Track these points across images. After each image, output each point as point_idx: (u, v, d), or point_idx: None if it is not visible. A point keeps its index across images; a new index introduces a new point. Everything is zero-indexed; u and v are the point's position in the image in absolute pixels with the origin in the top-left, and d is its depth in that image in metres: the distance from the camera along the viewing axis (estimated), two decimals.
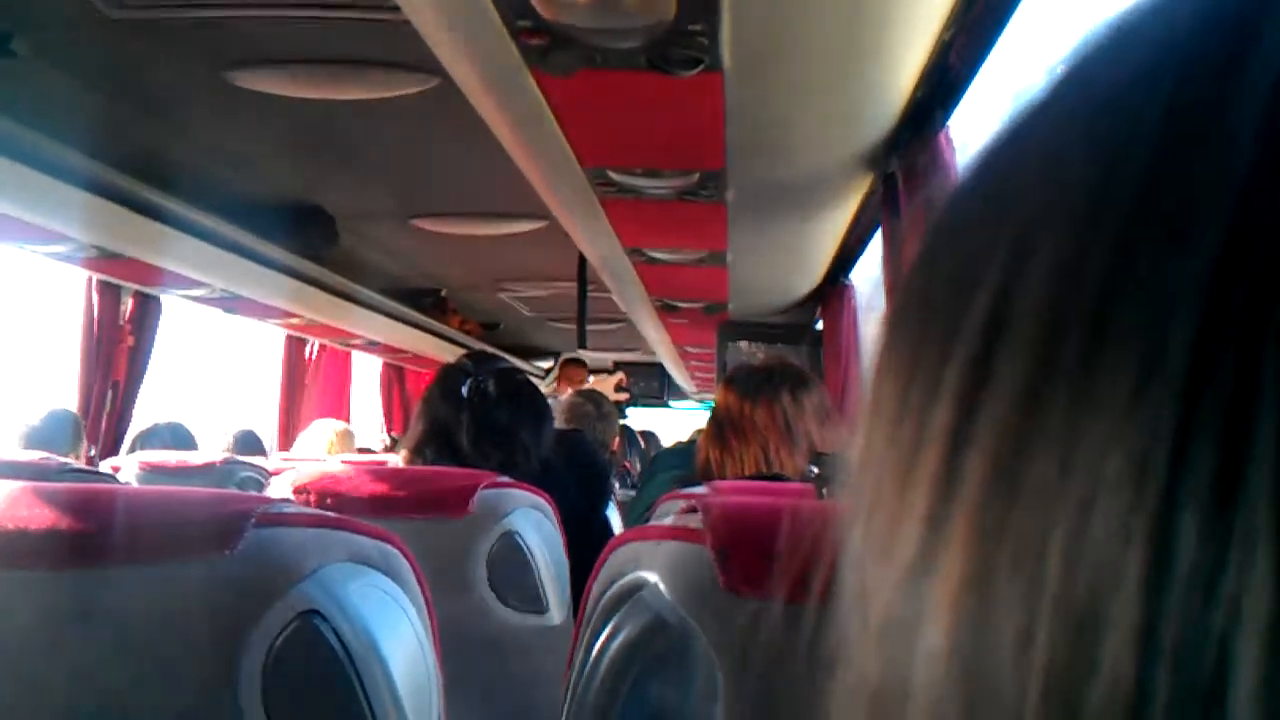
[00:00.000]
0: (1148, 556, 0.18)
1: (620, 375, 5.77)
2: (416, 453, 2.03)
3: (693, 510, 0.88)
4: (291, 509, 1.07)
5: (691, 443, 3.02)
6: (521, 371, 2.27)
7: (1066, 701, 0.19)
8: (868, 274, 3.48)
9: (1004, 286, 0.22)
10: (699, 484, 1.72)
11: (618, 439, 4.65)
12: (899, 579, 0.23)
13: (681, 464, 2.47)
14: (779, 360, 2.18)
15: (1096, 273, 0.20)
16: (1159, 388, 0.19)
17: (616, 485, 4.46)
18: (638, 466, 5.05)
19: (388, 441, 5.95)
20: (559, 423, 3.48)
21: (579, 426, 3.64)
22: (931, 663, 0.22)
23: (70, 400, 3.69)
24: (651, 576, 0.84)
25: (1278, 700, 0.17)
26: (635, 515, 2.66)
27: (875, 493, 0.25)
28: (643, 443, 6.53)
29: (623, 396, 4.79)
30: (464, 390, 2.03)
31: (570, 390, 5.02)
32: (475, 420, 2.01)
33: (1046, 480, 0.20)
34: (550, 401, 2.43)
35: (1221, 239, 0.19)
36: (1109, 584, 0.19)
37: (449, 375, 2.09)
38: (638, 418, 8.25)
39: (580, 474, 2.35)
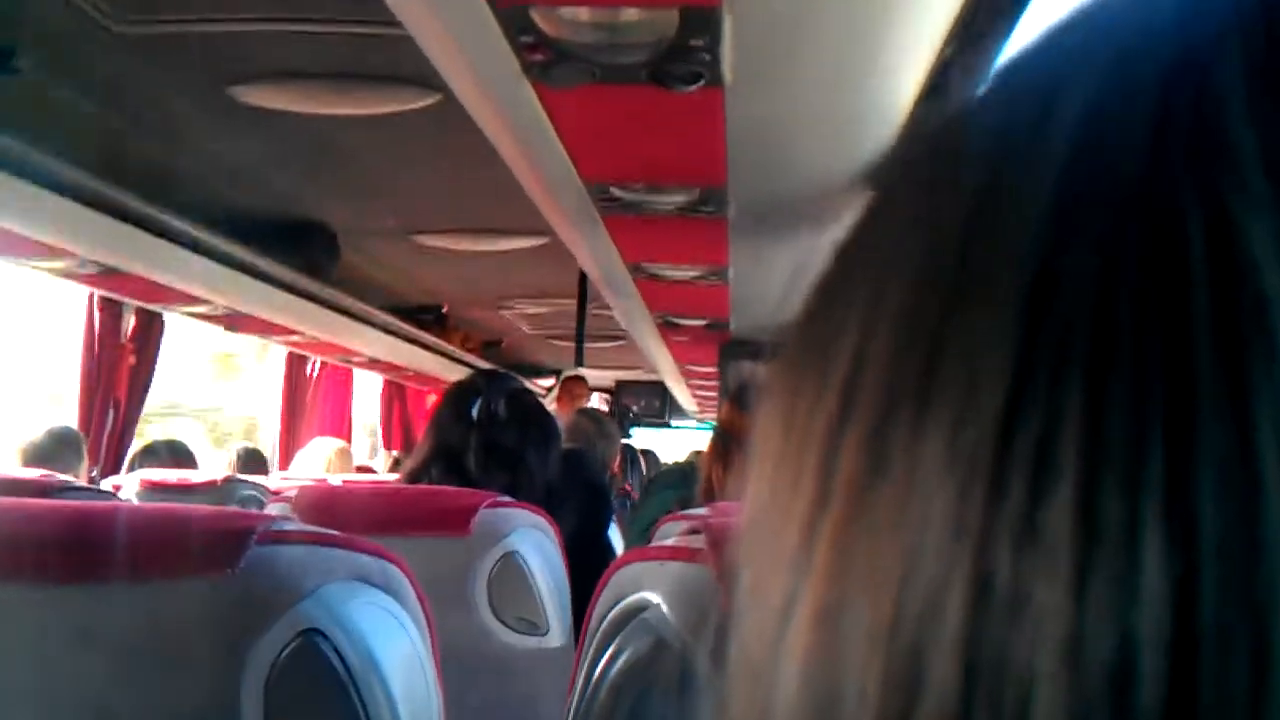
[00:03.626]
0: (969, 583, 0.20)
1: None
2: (422, 471, 2.01)
3: (695, 531, 0.88)
4: (292, 527, 1.06)
5: (689, 463, 3.00)
6: (532, 393, 2.25)
7: None
8: None
9: (861, 335, 0.24)
10: (700, 504, 1.71)
11: (619, 459, 4.60)
12: (769, 620, 0.25)
13: (679, 484, 2.46)
14: None
15: (931, 318, 0.22)
16: (977, 426, 0.20)
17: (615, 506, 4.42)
18: (637, 490, 5.00)
19: (391, 460, 5.94)
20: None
21: (579, 445, 3.62)
22: (787, 696, 0.23)
23: (71, 418, 3.68)
24: (654, 598, 0.83)
25: (1072, 715, 0.18)
26: (634, 535, 2.65)
27: (756, 540, 0.27)
28: (644, 464, 6.46)
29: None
30: (473, 411, 2.01)
31: (571, 408, 5.00)
32: (483, 442, 2.00)
33: (890, 512, 0.22)
34: None
35: (1026, 286, 0.21)
36: (937, 608, 0.20)
37: (460, 395, 2.07)
38: (638, 438, 8.22)
39: (583, 494, 2.33)
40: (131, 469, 3.56)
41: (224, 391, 8.24)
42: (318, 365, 5.72)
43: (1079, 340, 0.20)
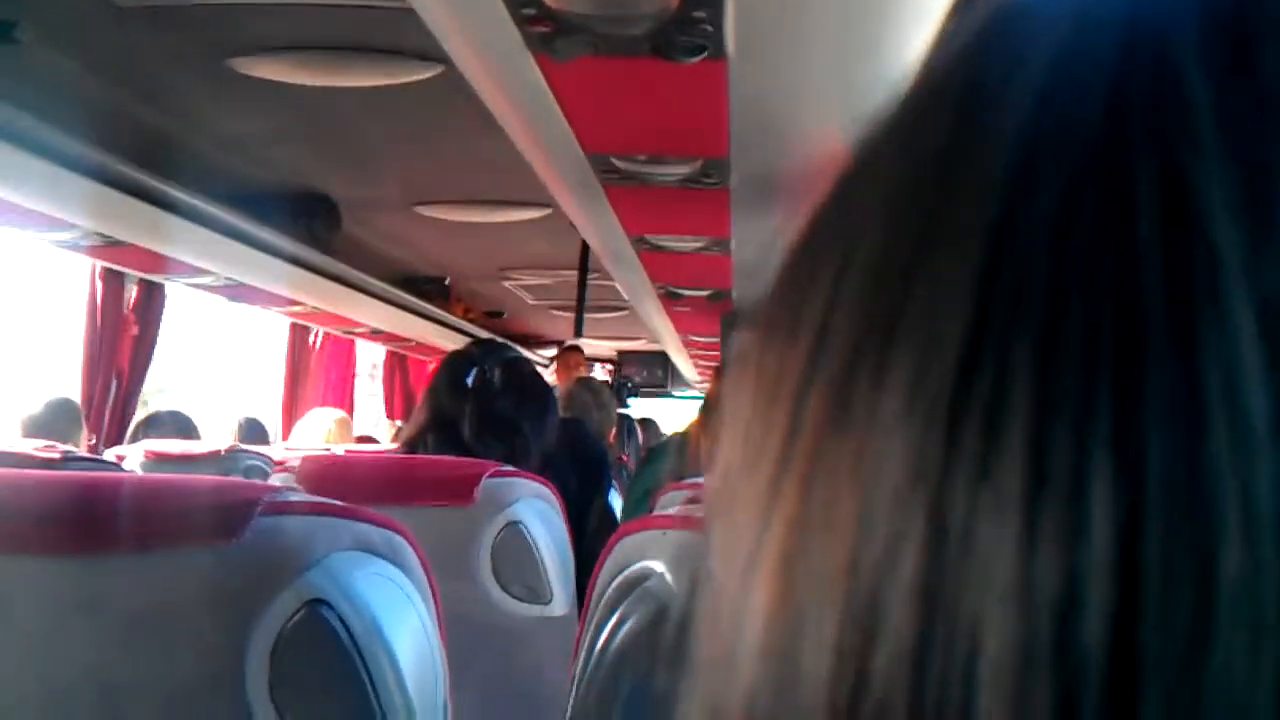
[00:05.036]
0: (925, 528, 0.20)
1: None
2: (418, 440, 2.01)
3: (696, 500, 0.89)
4: (297, 497, 1.07)
5: (686, 434, 3.01)
6: (529, 361, 2.24)
7: (857, 667, 0.21)
8: None
9: (833, 286, 0.25)
10: (692, 474, 1.72)
11: (614, 430, 4.59)
12: (737, 570, 0.25)
13: (674, 455, 2.47)
14: None
15: (898, 266, 0.23)
16: (936, 374, 0.21)
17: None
18: (634, 460, 4.98)
19: (395, 430, 5.95)
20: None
21: (576, 415, 3.62)
22: (751, 642, 0.24)
23: (74, 389, 3.68)
24: (658, 566, 0.84)
25: (1019, 653, 0.19)
26: (629, 506, 2.66)
27: (728, 497, 0.27)
28: (641, 434, 6.44)
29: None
30: (469, 380, 2.01)
31: (569, 379, 5.00)
32: (478, 411, 1.99)
33: (850, 460, 0.22)
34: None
35: (985, 238, 0.21)
36: (894, 553, 0.21)
37: (455, 364, 2.07)
38: (639, 406, 8.22)
39: (580, 464, 2.34)
40: (134, 439, 3.57)
41: None
42: (320, 335, 5.72)
43: (1034, 289, 0.21)
